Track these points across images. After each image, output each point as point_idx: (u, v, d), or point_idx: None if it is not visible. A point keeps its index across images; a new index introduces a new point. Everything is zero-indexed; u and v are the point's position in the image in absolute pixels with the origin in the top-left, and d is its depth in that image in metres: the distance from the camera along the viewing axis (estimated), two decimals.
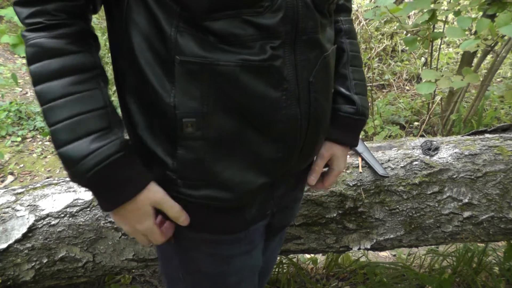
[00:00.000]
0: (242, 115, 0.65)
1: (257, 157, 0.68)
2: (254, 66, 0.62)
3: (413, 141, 1.39)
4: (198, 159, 0.65)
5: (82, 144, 0.59)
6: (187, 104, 0.62)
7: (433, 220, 1.32)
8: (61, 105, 0.59)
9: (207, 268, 0.79)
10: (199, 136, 0.63)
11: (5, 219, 1.22)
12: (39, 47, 0.59)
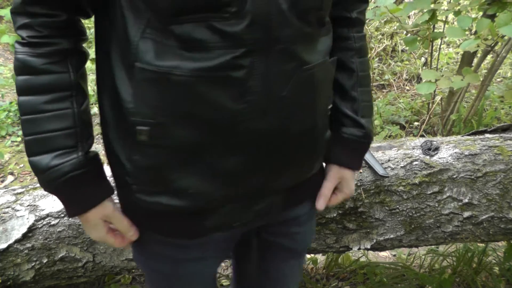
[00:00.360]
0: (200, 126, 0.62)
1: (216, 169, 0.66)
2: (211, 77, 0.59)
3: (413, 141, 1.39)
4: (152, 166, 0.66)
5: (45, 159, 0.65)
6: (142, 112, 0.62)
7: (433, 220, 1.32)
8: (34, 120, 0.64)
9: (156, 266, 0.81)
10: (153, 144, 0.64)
11: (5, 219, 1.22)
12: (22, 63, 0.63)
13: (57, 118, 0.65)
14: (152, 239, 0.76)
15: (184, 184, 0.66)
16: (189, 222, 0.73)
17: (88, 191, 0.69)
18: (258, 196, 0.74)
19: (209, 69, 0.59)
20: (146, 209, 0.70)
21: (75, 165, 0.66)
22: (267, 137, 0.66)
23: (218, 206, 0.71)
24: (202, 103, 0.61)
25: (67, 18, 0.64)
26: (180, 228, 0.74)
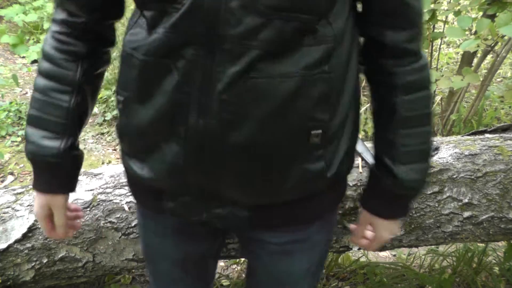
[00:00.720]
0: (150, 108, 0.66)
1: (163, 153, 0.68)
2: (156, 63, 0.63)
3: None
4: (125, 133, 0.74)
5: (36, 134, 0.76)
6: (119, 85, 0.72)
7: (433, 220, 1.32)
8: (38, 99, 0.76)
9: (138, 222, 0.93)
10: (124, 114, 0.72)
11: (5, 219, 1.22)
12: (44, 50, 0.76)
13: (53, 105, 0.75)
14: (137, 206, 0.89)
15: (144, 157, 0.72)
16: (151, 196, 0.78)
17: (52, 179, 0.79)
18: (213, 199, 0.72)
19: (156, 55, 0.63)
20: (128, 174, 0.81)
21: (53, 155, 0.76)
22: (204, 136, 0.63)
23: (174, 194, 0.74)
24: (152, 86, 0.65)
25: (89, 21, 0.73)
26: (145, 199, 0.82)
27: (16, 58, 4.38)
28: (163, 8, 0.60)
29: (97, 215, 1.23)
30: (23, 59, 4.32)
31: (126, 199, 1.25)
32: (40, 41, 4.51)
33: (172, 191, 0.74)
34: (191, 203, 0.73)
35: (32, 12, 4.60)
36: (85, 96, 0.78)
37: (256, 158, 0.65)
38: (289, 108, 0.62)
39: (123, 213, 1.23)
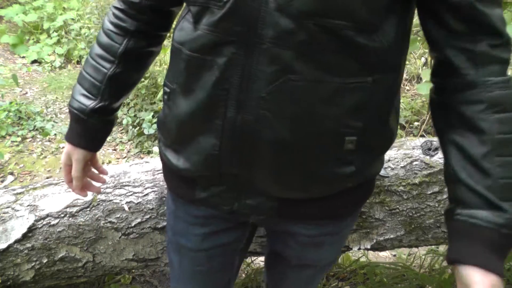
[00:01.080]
0: (193, 100, 0.69)
1: (200, 144, 0.71)
2: (200, 58, 0.66)
3: (413, 141, 1.39)
4: (165, 123, 0.77)
5: (77, 89, 0.88)
6: (167, 76, 0.76)
7: (433, 220, 1.32)
8: (88, 61, 0.87)
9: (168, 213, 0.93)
10: (168, 105, 0.75)
11: (5, 219, 1.22)
12: (103, 22, 0.86)
13: (96, 69, 0.85)
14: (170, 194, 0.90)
15: (180, 148, 0.76)
16: (184, 185, 0.81)
17: (78, 132, 0.88)
18: (244, 190, 0.76)
19: (199, 51, 0.66)
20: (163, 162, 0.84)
21: (83, 111, 0.86)
22: (240, 130, 0.66)
23: (208, 184, 0.77)
24: (196, 80, 0.67)
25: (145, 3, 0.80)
26: (179, 188, 0.84)
27: (16, 58, 4.38)
28: (206, 5, 0.63)
29: (97, 215, 1.23)
30: (23, 59, 4.32)
31: (126, 199, 1.25)
32: (40, 41, 4.51)
33: (206, 181, 0.77)
34: (223, 193, 0.77)
35: (32, 12, 4.60)
36: (126, 69, 0.85)
37: (286, 155, 0.67)
38: (323, 113, 0.63)
39: (123, 213, 1.23)
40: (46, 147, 3.07)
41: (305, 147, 0.66)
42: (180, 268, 0.93)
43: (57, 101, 3.70)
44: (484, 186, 0.59)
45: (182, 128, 0.73)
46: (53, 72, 4.23)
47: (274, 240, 0.96)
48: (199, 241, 0.87)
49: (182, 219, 0.88)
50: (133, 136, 3.12)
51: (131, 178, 1.30)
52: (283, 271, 1.00)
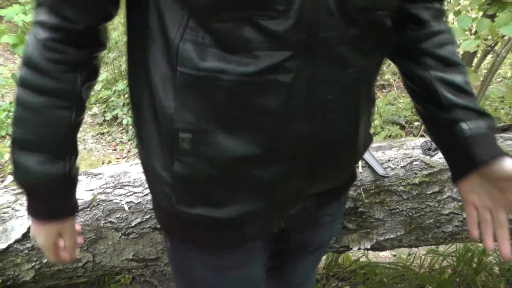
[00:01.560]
0: (243, 134, 0.59)
1: (255, 180, 0.63)
2: (258, 81, 0.55)
3: (413, 141, 1.39)
4: (193, 175, 0.63)
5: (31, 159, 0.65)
6: (184, 118, 0.59)
7: (433, 220, 1.32)
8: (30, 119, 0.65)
9: (198, 276, 0.78)
10: (195, 153, 0.60)
11: (5, 219, 1.22)
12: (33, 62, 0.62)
13: (54, 125, 0.65)
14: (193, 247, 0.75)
15: (223, 196, 0.64)
16: (228, 233, 0.70)
17: (62, 202, 0.72)
18: (294, 202, 0.74)
19: (256, 73, 0.55)
20: (185, 220, 0.68)
21: (59, 180, 0.68)
22: (309, 144, 0.62)
23: (256, 216, 0.69)
24: (247, 109, 0.57)
25: (87, 26, 0.62)
26: (219, 239, 0.71)
27: (16, 58, 4.38)
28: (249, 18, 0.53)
29: (97, 215, 1.23)
30: None
31: (126, 199, 1.25)
32: None
33: (253, 216, 0.68)
34: (270, 217, 0.73)
35: (32, 12, 4.60)
36: (84, 107, 0.69)
37: (346, 147, 0.69)
38: (366, 95, 0.68)
39: (123, 213, 1.23)
40: None
41: (358, 131, 0.69)
42: None
43: None
44: (473, 103, 0.71)
45: (227, 171, 0.62)
46: None
47: (294, 234, 0.91)
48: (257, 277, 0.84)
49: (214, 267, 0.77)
50: (133, 136, 3.12)
51: (131, 178, 1.30)
52: (296, 264, 0.98)
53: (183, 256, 0.77)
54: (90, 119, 3.47)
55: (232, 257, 0.75)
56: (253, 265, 0.80)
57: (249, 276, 0.81)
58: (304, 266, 0.99)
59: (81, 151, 3.05)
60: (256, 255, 0.79)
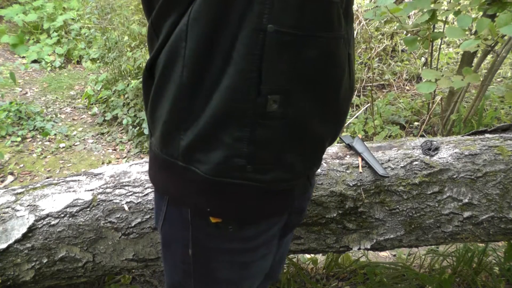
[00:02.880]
0: (317, 94, 0.63)
1: (317, 141, 0.69)
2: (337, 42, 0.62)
3: (413, 141, 1.39)
4: (273, 140, 0.62)
5: None
6: (273, 80, 0.58)
7: (433, 220, 1.32)
8: None
9: (223, 275, 0.77)
10: (279, 115, 0.60)
11: (5, 219, 1.22)
12: None
13: None
14: (218, 251, 0.73)
15: (291, 158, 0.66)
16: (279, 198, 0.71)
17: None
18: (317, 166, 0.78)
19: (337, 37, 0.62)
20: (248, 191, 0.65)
21: None
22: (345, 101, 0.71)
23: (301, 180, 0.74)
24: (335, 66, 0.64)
25: None
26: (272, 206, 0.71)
27: (16, 58, 4.38)
28: None
29: (97, 215, 1.23)
30: (23, 59, 4.32)
31: (126, 199, 1.25)
32: (40, 41, 4.51)
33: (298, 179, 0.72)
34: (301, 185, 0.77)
35: (32, 12, 4.60)
36: None
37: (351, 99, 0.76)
38: None
39: (123, 213, 1.23)
40: (46, 147, 3.07)
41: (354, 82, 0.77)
42: None
43: (57, 101, 3.69)
44: None
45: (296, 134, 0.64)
46: (53, 72, 4.23)
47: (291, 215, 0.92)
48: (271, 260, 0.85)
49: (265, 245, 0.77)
50: (133, 136, 3.12)
51: (131, 178, 1.30)
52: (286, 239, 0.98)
53: (208, 260, 0.75)
54: (90, 119, 3.47)
55: (258, 250, 0.76)
56: (270, 256, 0.82)
57: (267, 265, 0.83)
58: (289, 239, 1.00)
59: (81, 151, 3.05)
60: (273, 244, 0.81)
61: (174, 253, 0.78)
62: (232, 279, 0.78)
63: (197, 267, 0.77)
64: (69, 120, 3.44)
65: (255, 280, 0.84)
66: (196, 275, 0.78)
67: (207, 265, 0.76)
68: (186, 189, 0.67)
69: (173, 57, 0.60)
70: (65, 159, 2.95)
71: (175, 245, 0.77)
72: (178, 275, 0.81)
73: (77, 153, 3.03)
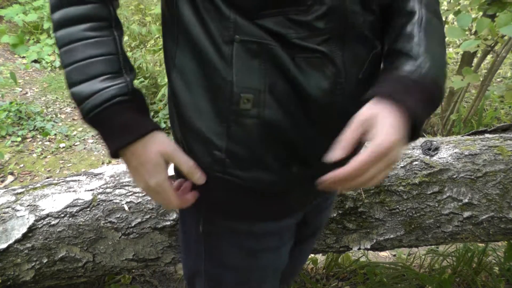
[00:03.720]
0: (295, 101, 0.63)
1: (303, 148, 0.66)
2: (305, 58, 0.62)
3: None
4: (249, 138, 0.64)
5: (89, 85, 0.61)
6: (245, 80, 0.61)
7: (433, 220, 1.32)
8: (75, 48, 0.62)
9: (231, 261, 0.78)
10: (254, 114, 0.62)
11: (5, 219, 1.22)
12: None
13: (99, 44, 0.63)
14: (226, 231, 0.74)
15: (272, 159, 0.66)
16: (273, 202, 0.71)
17: (138, 119, 0.63)
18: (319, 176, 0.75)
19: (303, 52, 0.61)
20: (233, 188, 0.67)
21: (122, 88, 0.62)
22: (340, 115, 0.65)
23: (294, 187, 0.71)
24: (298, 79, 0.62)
25: None
26: (266, 210, 0.72)
27: (16, 58, 4.38)
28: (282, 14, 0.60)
29: (97, 215, 1.23)
30: (23, 59, 4.32)
31: (126, 199, 1.25)
32: (40, 41, 4.52)
33: (293, 185, 0.71)
34: (304, 191, 0.75)
35: (32, 12, 4.60)
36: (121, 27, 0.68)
37: None
38: None
39: (123, 213, 1.23)
40: (46, 147, 3.07)
41: None
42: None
43: (57, 101, 3.70)
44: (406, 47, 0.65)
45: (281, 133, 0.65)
46: (53, 72, 4.24)
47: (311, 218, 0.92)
48: (284, 260, 0.84)
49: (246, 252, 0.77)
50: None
51: (131, 178, 1.30)
52: (303, 248, 1.00)
53: (218, 242, 0.76)
54: None
55: (267, 238, 0.76)
56: (284, 250, 0.81)
57: (279, 261, 0.82)
58: (308, 249, 1.05)
59: (81, 151, 3.05)
60: (286, 238, 0.80)
61: (189, 232, 0.80)
62: (240, 267, 0.78)
63: (207, 248, 0.78)
64: (69, 120, 3.44)
65: (266, 277, 0.83)
66: (206, 258, 0.79)
67: (215, 246, 0.77)
68: None
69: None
70: (65, 159, 2.95)
71: (190, 221, 0.79)
72: (191, 260, 0.83)
73: (77, 153, 3.03)
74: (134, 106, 0.63)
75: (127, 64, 0.65)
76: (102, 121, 0.62)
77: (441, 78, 0.63)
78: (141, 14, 5.02)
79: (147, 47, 4.39)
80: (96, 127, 0.64)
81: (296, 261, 1.04)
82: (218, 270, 0.80)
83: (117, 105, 0.62)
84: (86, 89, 0.61)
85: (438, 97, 0.63)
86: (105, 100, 0.61)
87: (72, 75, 0.62)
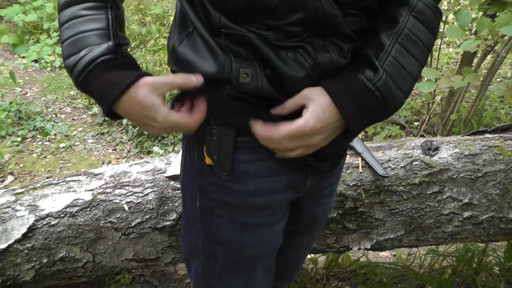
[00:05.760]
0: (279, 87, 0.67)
1: None
2: (285, 52, 0.65)
3: (413, 141, 1.39)
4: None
5: (77, 56, 0.67)
6: (241, 58, 0.66)
7: (433, 220, 1.32)
8: (70, 25, 0.68)
9: (226, 236, 0.79)
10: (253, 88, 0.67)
11: (5, 219, 1.22)
12: None
13: (91, 21, 0.68)
14: (220, 206, 0.77)
15: None
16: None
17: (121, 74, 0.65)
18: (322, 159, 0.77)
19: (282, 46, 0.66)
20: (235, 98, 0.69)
21: (105, 50, 0.66)
22: None
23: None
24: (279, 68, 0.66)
25: None
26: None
27: (16, 58, 4.38)
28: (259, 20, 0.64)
29: (97, 215, 1.23)
30: (23, 59, 4.32)
31: (126, 199, 1.25)
32: (40, 41, 4.52)
33: None
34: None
35: (32, 12, 4.60)
36: (118, 6, 0.72)
37: None
38: None
39: (123, 213, 1.23)
40: (46, 147, 3.07)
41: None
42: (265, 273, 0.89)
43: (57, 101, 3.70)
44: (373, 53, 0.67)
45: None
46: (53, 72, 4.24)
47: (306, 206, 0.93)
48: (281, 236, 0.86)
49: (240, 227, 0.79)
50: (133, 136, 3.12)
51: (131, 178, 1.30)
52: (301, 241, 1.01)
53: (212, 217, 0.79)
54: (90, 119, 3.47)
55: (261, 213, 0.78)
56: (277, 227, 0.82)
57: (273, 238, 0.83)
58: (307, 242, 1.04)
59: (81, 151, 3.05)
60: (279, 217, 0.81)
61: (189, 208, 0.83)
62: (234, 242, 0.80)
63: (204, 224, 0.80)
64: (69, 120, 3.44)
65: (261, 254, 0.84)
66: (203, 234, 0.82)
67: (211, 222, 0.79)
68: None
69: None
70: (65, 159, 2.95)
71: (189, 197, 0.82)
72: (191, 237, 0.85)
73: (77, 153, 3.03)
74: (117, 64, 0.66)
75: (116, 35, 0.69)
76: (88, 84, 0.66)
77: (394, 94, 0.67)
78: (141, 14, 5.02)
79: (147, 47, 4.40)
80: (86, 92, 0.68)
81: (294, 255, 1.05)
82: (213, 246, 0.82)
83: (100, 65, 0.66)
84: (75, 59, 0.66)
85: (383, 111, 0.67)
86: (88, 63, 0.66)
87: (65, 50, 0.68)
